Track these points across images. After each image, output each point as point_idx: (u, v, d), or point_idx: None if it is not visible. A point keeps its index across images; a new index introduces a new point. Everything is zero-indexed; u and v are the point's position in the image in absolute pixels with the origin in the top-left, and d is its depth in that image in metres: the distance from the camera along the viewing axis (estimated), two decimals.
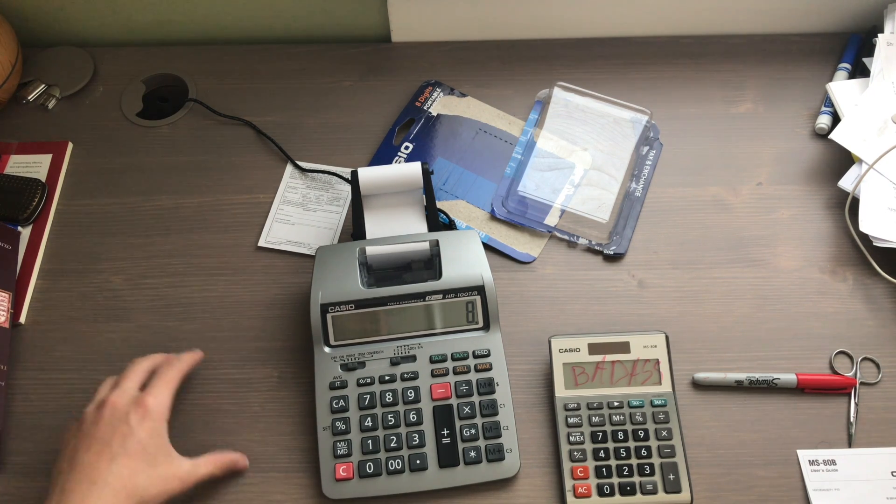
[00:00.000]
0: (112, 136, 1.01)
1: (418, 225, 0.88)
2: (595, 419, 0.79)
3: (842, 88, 0.97)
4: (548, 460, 0.79)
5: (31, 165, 0.98)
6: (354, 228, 0.88)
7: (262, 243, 0.92)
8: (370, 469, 0.77)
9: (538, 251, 0.92)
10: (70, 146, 1.00)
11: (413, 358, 0.82)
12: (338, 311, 0.81)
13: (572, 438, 0.78)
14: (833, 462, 0.78)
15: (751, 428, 0.81)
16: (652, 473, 0.77)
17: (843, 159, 0.94)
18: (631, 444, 0.78)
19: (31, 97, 1.03)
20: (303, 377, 0.84)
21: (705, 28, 1.06)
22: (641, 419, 0.79)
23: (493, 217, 0.94)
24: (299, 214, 0.94)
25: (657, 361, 0.81)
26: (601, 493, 0.76)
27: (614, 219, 0.92)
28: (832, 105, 0.98)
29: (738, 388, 0.82)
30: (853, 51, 1.03)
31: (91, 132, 1.01)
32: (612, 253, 0.91)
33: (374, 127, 1.00)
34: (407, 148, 0.98)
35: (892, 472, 0.78)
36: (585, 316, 0.87)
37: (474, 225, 0.93)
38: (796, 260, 0.90)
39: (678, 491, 0.76)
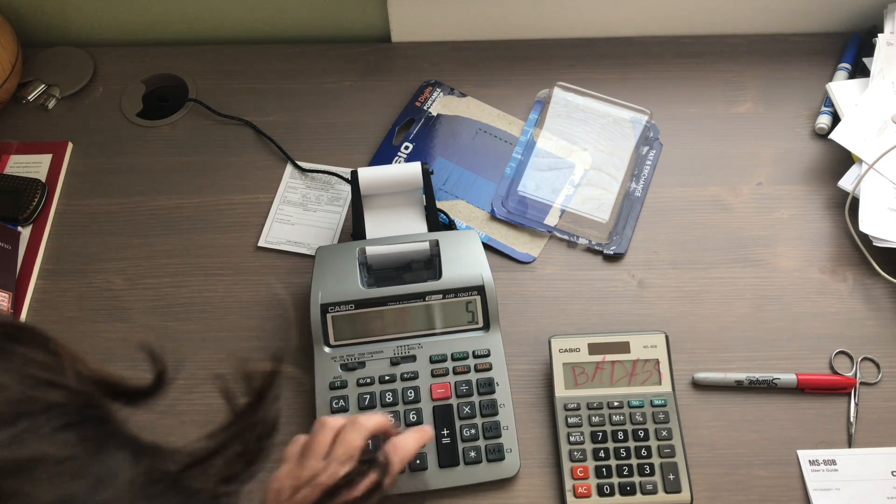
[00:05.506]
0: (112, 136, 1.01)
1: (418, 225, 0.88)
2: (595, 419, 0.79)
3: (842, 88, 0.97)
4: (548, 460, 0.79)
5: (31, 165, 0.97)
6: (354, 228, 0.88)
7: (262, 243, 0.92)
8: None
9: (538, 251, 0.92)
10: (70, 146, 0.99)
11: (413, 358, 0.81)
12: (338, 311, 0.81)
13: (572, 438, 0.78)
14: (833, 462, 0.78)
15: (751, 428, 0.81)
16: (652, 473, 0.77)
17: (843, 159, 0.94)
18: (631, 444, 0.78)
19: (31, 97, 1.03)
20: (303, 377, 0.84)
21: (705, 28, 1.06)
22: (641, 419, 0.79)
23: (493, 217, 0.94)
24: (299, 214, 0.94)
25: (657, 361, 0.81)
26: (601, 493, 0.76)
27: (614, 219, 0.92)
28: (832, 105, 0.98)
29: (738, 388, 0.82)
30: (853, 51, 1.03)
31: (91, 132, 1.01)
32: (612, 253, 0.91)
33: (374, 127, 1.00)
34: (407, 148, 0.98)
35: (892, 472, 0.78)
36: (585, 316, 0.87)
37: (474, 225, 0.93)
38: (796, 260, 0.90)
39: (678, 491, 0.76)
